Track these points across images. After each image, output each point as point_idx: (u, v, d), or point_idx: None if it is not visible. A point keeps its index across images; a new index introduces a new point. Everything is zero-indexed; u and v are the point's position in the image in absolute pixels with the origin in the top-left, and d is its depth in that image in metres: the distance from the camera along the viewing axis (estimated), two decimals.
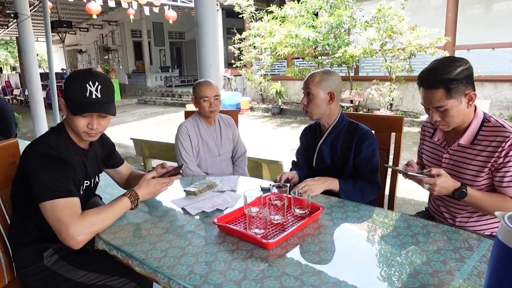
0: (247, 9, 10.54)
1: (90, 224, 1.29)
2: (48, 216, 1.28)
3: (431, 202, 1.76)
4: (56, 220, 1.26)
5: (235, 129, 2.55)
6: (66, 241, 1.26)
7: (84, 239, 1.27)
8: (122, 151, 6.56)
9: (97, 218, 1.33)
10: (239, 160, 2.57)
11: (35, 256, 1.44)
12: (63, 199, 1.29)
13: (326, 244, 1.25)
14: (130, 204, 1.44)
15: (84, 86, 1.36)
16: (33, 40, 6.38)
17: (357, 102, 8.79)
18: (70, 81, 1.41)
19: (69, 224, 1.25)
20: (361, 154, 1.78)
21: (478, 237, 1.27)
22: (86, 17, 16.68)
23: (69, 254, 1.46)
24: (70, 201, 1.30)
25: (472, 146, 1.47)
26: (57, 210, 1.27)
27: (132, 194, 1.45)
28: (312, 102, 1.79)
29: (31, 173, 1.31)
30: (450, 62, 1.40)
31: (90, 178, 1.58)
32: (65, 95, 1.41)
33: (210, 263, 1.14)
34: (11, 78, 20.60)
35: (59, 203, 1.27)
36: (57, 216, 1.26)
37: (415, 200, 3.73)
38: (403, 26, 7.57)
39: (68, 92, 1.39)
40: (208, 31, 3.32)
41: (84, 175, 1.52)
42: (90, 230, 1.29)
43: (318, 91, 1.77)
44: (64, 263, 1.43)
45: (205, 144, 2.40)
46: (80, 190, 1.48)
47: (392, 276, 1.06)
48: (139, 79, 17.90)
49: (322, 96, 1.78)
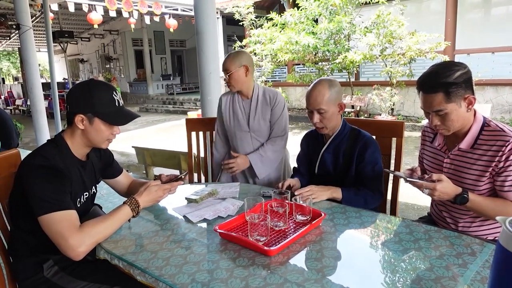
0: (247, 17, 10.59)
1: (89, 235, 1.28)
2: (46, 229, 1.27)
3: (433, 207, 1.76)
4: (55, 234, 1.25)
5: (277, 108, 2.28)
6: (67, 253, 1.25)
7: (84, 250, 1.26)
8: (124, 159, 6.57)
9: (96, 228, 1.31)
10: (268, 141, 2.30)
11: (35, 267, 1.43)
12: (60, 212, 1.27)
13: (328, 250, 1.24)
14: (131, 212, 1.42)
15: (112, 97, 1.44)
16: (35, 50, 6.42)
17: (358, 107, 8.80)
18: (93, 94, 1.40)
19: (68, 237, 1.24)
20: (364, 161, 1.77)
21: (481, 242, 1.26)
22: (88, 27, 16.81)
23: (69, 265, 1.45)
24: (67, 213, 1.28)
25: (472, 150, 1.47)
26: (55, 224, 1.25)
27: (132, 201, 1.44)
28: (325, 118, 1.76)
29: (27, 186, 1.30)
30: (449, 66, 1.40)
31: (88, 190, 1.56)
32: (91, 109, 1.40)
33: (212, 271, 1.14)
34: (13, 89, 20.71)
35: (57, 216, 1.26)
36: (55, 230, 1.25)
37: (418, 205, 3.71)
38: (403, 31, 7.61)
39: (97, 105, 1.40)
40: (209, 39, 3.34)
41: (82, 187, 1.50)
42: (90, 241, 1.28)
43: (330, 107, 1.74)
44: (64, 274, 1.43)
45: (236, 117, 2.31)
46: (78, 202, 1.47)
47: (395, 283, 1.05)
48: (140, 87, 17.97)
49: (334, 110, 1.76)
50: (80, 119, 1.40)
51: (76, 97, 1.42)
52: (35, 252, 1.44)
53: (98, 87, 1.43)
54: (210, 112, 3.40)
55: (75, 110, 1.40)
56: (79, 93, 1.42)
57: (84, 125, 1.41)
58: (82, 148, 1.49)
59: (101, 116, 1.42)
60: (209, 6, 3.34)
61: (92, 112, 1.40)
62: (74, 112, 1.40)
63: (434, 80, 1.40)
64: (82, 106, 1.40)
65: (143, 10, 11.17)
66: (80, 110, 1.40)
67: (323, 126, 1.79)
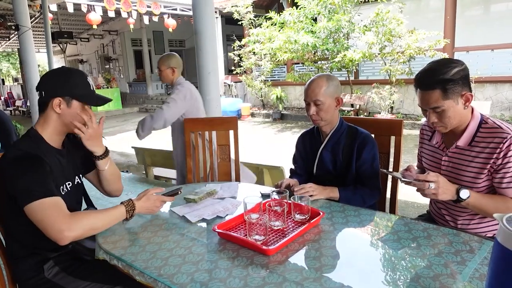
0: (246, 16, 10.60)
1: (78, 223, 1.28)
2: (33, 218, 1.26)
3: (432, 205, 1.76)
4: (41, 220, 1.25)
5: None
6: (53, 236, 1.24)
7: (71, 235, 1.25)
8: (124, 159, 6.57)
9: (87, 219, 1.32)
10: None
11: (36, 268, 1.43)
12: (46, 198, 1.27)
13: (326, 249, 1.25)
14: (125, 213, 1.43)
15: (86, 81, 1.50)
16: (34, 51, 6.42)
17: (357, 106, 8.79)
18: (69, 78, 1.46)
19: (55, 221, 1.24)
20: (362, 158, 1.78)
21: (479, 239, 1.26)
22: (87, 27, 16.79)
23: (70, 265, 1.45)
24: (53, 200, 1.28)
25: (470, 148, 1.47)
26: (42, 210, 1.25)
27: (129, 203, 1.45)
28: (322, 111, 1.77)
29: (8, 180, 1.30)
30: (446, 63, 1.41)
31: (71, 179, 1.56)
32: (69, 92, 1.44)
33: (210, 271, 1.14)
34: (13, 89, 20.74)
35: (43, 203, 1.26)
36: (42, 216, 1.24)
37: (418, 203, 3.71)
38: (402, 30, 7.60)
39: (75, 88, 1.45)
40: (207, 39, 3.34)
41: (63, 176, 1.50)
42: (79, 229, 1.27)
43: (327, 99, 1.75)
44: (65, 275, 1.43)
45: None
46: (61, 190, 1.46)
47: (394, 281, 1.05)
48: (140, 87, 17.95)
49: (330, 103, 1.77)
50: (58, 102, 1.43)
51: (52, 81, 1.46)
52: (32, 252, 1.44)
53: (73, 72, 1.50)
54: (209, 112, 3.40)
55: (52, 94, 1.43)
56: (55, 78, 1.47)
57: (62, 108, 1.44)
58: (56, 135, 1.49)
59: (79, 97, 1.46)
60: (207, 5, 3.34)
61: (70, 94, 1.44)
62: (51, 96, 1.43)
63: (431, 77, 1.40)
64: (60, 90, 1.44)
65: (142, 10, 11.17)
66: (58, 93, 1.43)
67: (319, 119, 1.80)
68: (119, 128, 11.03)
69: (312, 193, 1.64)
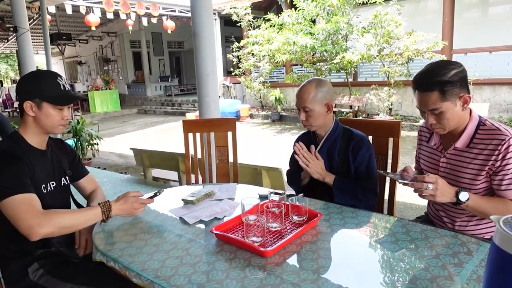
0: (244, 18, 10.61)
1: (50, 220, 1.28)
2: (8, 214, 1.27)
3: (430, 207, 1.76)
4: (14, 216, 1.26)
5: None
6: (23, 232, 1.25)
7: (41, 232, 1.25)
8: (123, 161, 6.56)
9: (60, 217, 1.33)
10: None
11: (21, 271, 1.43)
12: (19, 195, 1.29)
13: (324, 251, 1.24)
14: (101, 215, 1.42)
15: (57, 82, 1.49)
16: (33, 53, 6.40)
17: (356, 107, 8.80)
18: (39, 81, 1.47)
19: (26, 217, 1.25)
20: (357, 160, 1.78)
21: (477, 241, 1.26)
22: (85, 29, 16.79)
23: (54, 268, 1.45)
24: (26, 196, 1.30)
25: (468, 149, 1.47)
26: (15, 206, 1.27)
27: (105, 205, 1.44)
28: (311, 117, 1.78)
29: None
30: (444, 65, 1.41)
31: (55, 179, 1.56)
32: (38, 95, 1.44)
33: (207, 273, 1.14)
34: (12, 91, 20.64)
35: (16, 200, 1.27)
36: (14, 212, 1.26)
37: (416, 204, 3.71)
38: (400, 31, 7.62)
39: (44, 90, 1.45)
40: (205, 41, 3.33)
41: (47, 175, 1.51)
42: (50, 226, 1.27)
43: (315, 106, 1.76)
44: (50, 277, 1.43)
45: None
46: (43, 188, 1.47)
47: (391, 282, 1.05)
48: (138, 89, 17.95)
49: (319, 110, 1.77)
50: (29, 105, 1.44)
51: (23, 86, 1.47)
52: (17, 253, 1.44)
53: (43, 74, 1.51)
54: (207, 114, 3.39)
55: (23, 98, 1.45)
56: (25, 82, 1.48)
57: (34, 111, 1.45)
58: (37, 136, 1.51)
59: (48, 99, 1.46)
60: (205, 7, 3.33)
61: (39, 97, 1.45)
62: (23, 100, 1.45)
63: (429, 78, 1.40)
64: (29, 93, 1.45)
65: (140, 12, 11.17)
66: (27, 97, 1.45)
67: (309, 124, 1.82)
68: (118, 129, 11.01)
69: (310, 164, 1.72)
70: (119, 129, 11.08)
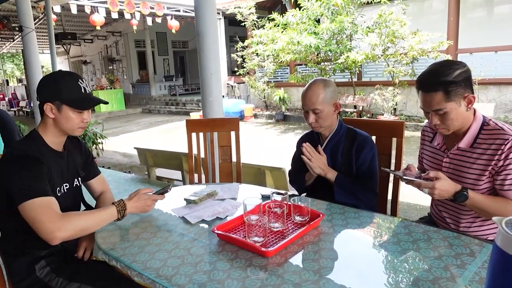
0: (249, 17, 10.61)
1: (69, 223, 1.29)
2: (26, 217, 1.28)
3: (433, 208, 1.75)
4: (33, 219, 1.27)
5: None
6: (44, 236, 1.26)
7: (61, 236, 1.26)
8: (127, 160, 6.58)
9: (78, 219, 1.33)
10: None
11: (28, 268, 1.44)
12: (39, 198, 1.29)
13: (326, 251, 1.24)
14: (117, 214, 1.43)
15: (77, 84, 1.48)
16: (38, 52, 6.44)
17: (360, 107, 8.77)
18: (59, 84, 1.45)
19: (46, 221, 1.26)
20: (360, 160, 1.77)
21: (480, 243, 1.25)
22: (90, 28, 16.85)
23: (60, 266, 1.46)
24: (45, 199, 1.30)
25: (472, 149, 1.46)
26: (34, 209, 1.27)
27: (120, 203, 1.45)
28: (321, 118, 1.77)
29: (5, 179, 1.32)
30: (448, 65, 1.40)
31: (69, 181, 1.57)
32: (58, 97, 1.44)
33: (208, 272, 1.14)
34: (17, 90, 20.83)
35: (35, 203, 1.28)
36: (34, 215, 1.27)
37: (420, 205, 3.69)
38: (405, 31, 7.58)
39: (64, 93, 1.44)
40: (209, 40, 3.33)
41: (61, 177, 1.52)
42: (69, 229, 1.28)
43: (325, 106, 1.75)
44: (56, 275, 1.44)
45: None
46: (57, 191, 1.48)
47: (393, 283, 1.05)
48: (143, 88, 18.01)
49: (329, 110, 1.76)
50: (49, 108, 1.44)
51: (43, 87, 1.46)
52: (24, 251, 1.45)
53: (64, 76, 1.48)
54: (211, 113, 3.39)
55: (43, 100, 1.45)
56: (46, 83, 1.47)
57: (54, 113, 1.45)
58: (56, 137, 1.51)
59: (68, 102, 1.45)
60: (209, 7, 3.33)
61: (59, 99, 1.44)
62: (43, 102, 1.45)
63: (433, 79, 1.39)
64: (49, 95, 1.44)
65: (145, 12, 11.20)
66: (48, 99, 1.44)
67: (318, 126, 1.80)
68: (122, 129, 11.05)
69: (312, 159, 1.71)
70: (124, 128, 11.12)
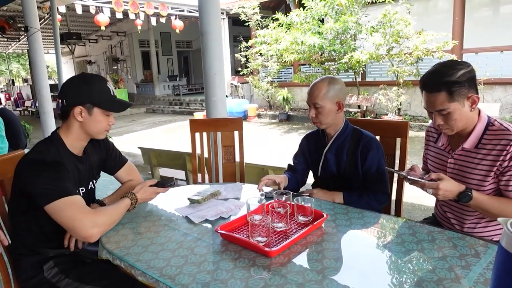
0: (253, 17, 10.61)
1: (101, 218, 1.33)
2: (57, 216, 1.28)
3: (437, 208, 1.74)
4: (67, 218, 1.28)
5: None
6: (81, 235, 1.28)
7: (97, 231, 1.30)
8: (131, 159, 6.54)
9: (104, 213, 1.38)
10: None
11: (36, 268, 1.44)
12: (69, 197, 1.30)
13: (329, 251, 1.24)
14: (130, 205, 1.50)
15: (107, 87, 1.49)
16: (43, 52, 6.48)
17: (364, 107, 8.74)
18: (90, 86, 1.45)
19: (83, 218, 1.28)
20: (367, 164, 1.76)
21: (485, 244, 1.24)
22: (95, 28, 16.93)
23: (69, 267, 1.47)
24: (75, 198, 1.32)
25: (476, 150, 1.45)
26: (66, 208, 1.28)
27: (133, 197, 1.52)
28: (321, 114, 1.77)
29: (27, 181, 1.32)
30: (452, 65, 1.39)
31: (85, 184, 1.58)
32: (91, 100, 1.44)
33: (212, 272, 1.14)
34: (23, 90, 20.95)
35: (66, 201, 1.29)
36: (67, 214, 1.28)
37: (425, 205, 3.68)
38: (410, 31, 7.54)
39: (96, 95, 1.45)
40: (213, 40, 3.34)
41: (78, 182, 1.53)
42: (102, 224, 1.33)
43: (326, 103, 1.74)
44: (63, 276, 1.44)
45: None
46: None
47: (396, 284, 1.04)
48: (147, 88, 18.06)
49: (330, 107, 1.75)
50: (79, 111, 1.44)
51: (73, 90, 1.46)
52: (33, 250, 1.46)
53: (93, 79, 1.49)
54: (214, 113, 3.40)
55: (73, 103, 1.44)
56: (75, 86, 1.46)
57: (83, 116, 1.45)
58: (78, 141, 1.52)
59: (100, 105, 1.46)
60: (213, 7, 3.34)
61: (91, 102, 1.45)
62: (72, 105, 1.44)
63: (437, 79, 1.38)
64: (79, 98, 1.44)
65: (149, 12, 11.23)
66: (79, 102, 1.44)
67: (318, 121, 1.80)
68: (126, 128, 11.09)
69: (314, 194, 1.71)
70: (128, 128, 11.16)
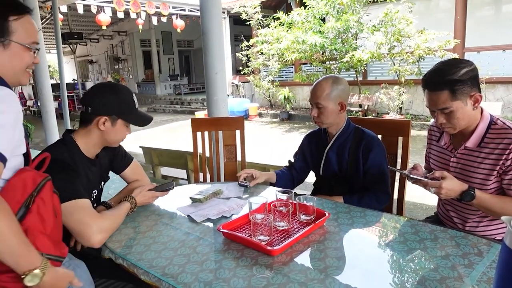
0: (254, 16, 10.61)
1: (106, 222, 1.34)
2: (65, 218, 1.28)
3: (440, 207, 1.73)
4: (76, 221, 1.28)
5: None
6: (88, 240, 1.28)
7: (102, 237, 1.32)
8: None
9: (109, 218, 1.38)
10: None
11: None
12: (80, 200, 1.31)
13: (331, 250, 1.24)
14: (129, 209, 1.54)
15: (133, 100, 1.53)
16: (45, 52, 6.50)
17: (366, 106, 8.73)
18: (118, 98, 1.47)
19: (92, 223, 1.29)
20: (368, 163, 1.76)
21: (488, 242, 1.24)
22: (97, 28, 16.93)
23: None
24: (86, 202, 1.33)
25: (479, 149, 1.44)
26: (76, 211, 1.28)
27: (132, 201, 1.55)
28: (323, 114, 1.76)
29: None
30: (454, 63, 1.39)
31: (97, 187, 1.61)
32: (116, 111, 1.47)
33: (214, 271, 1.14)
34: (25, 90, 20.97)
35: (77, 204, 1.29)
36: (77, 217, 1.28)
37: (426, 204, 3.67)
38: (411, 30, 7.53)
39: (122, 108, 1.49)
40: (214, 39, 3.33)
41: (90, 185, 1.54)
42: (107, 228, 1.34)
43: (329, 103, 1.73)
44: None
45: None
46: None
47: (399, 283, 1.04)
48: (148, 87, 18.08)
49: (332, 107, 1.75)
50: (103, 120, 1.45)
51: (101, 100, 1.46)
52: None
53: (122, 91, 1.50)
54: (216, 112, 3.40)
55: (98, 112, 1.45)
56: (104, 96, 1.47)
57: (106, 126, 1.46)
58: (94, 148, 1.53)
59: (125, 118, 1.50)
60: (214, 6, 3.34)
61: (117, 114, 1.47)
62: (97, 114, 1.45)
63: (439, 77, 1.38)
64: (107, 109, 1.45)
65: (150, 11, 11.24)
66: (105, 112, 1.45)
67: (320, 121, 1.80)
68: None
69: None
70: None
